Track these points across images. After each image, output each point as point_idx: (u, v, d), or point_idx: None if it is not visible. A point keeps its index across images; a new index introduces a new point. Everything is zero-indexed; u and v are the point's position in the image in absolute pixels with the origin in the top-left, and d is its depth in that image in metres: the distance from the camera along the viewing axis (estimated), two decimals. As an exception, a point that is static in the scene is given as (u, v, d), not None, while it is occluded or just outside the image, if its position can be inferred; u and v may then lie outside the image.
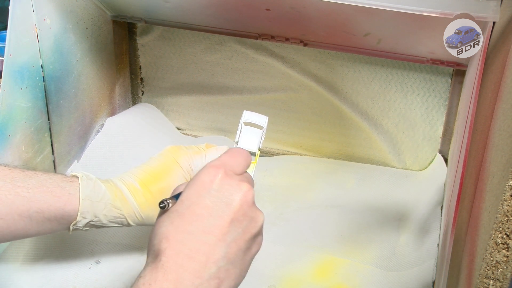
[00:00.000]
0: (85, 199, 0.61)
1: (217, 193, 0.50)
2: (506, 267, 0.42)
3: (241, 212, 0.50)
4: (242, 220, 0.50)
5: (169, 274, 0.46)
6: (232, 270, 0.49)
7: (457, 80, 0.82)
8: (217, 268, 0.48)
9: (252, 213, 0.51)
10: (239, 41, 0.90)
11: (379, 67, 0.85)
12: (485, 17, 0.57)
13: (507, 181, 0.41)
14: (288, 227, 0.82)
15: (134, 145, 0.90)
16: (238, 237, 0.49)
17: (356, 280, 0.73)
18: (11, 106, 0.69)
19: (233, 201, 0.50)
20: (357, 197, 0.87)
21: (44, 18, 0.72)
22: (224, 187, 0.50)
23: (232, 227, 0.49)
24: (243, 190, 0.51)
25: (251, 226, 0.51)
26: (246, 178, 0.54)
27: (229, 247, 0.49)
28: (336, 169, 0.92)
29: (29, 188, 0.60)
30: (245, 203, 0.51)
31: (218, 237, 0.48)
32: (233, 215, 0.49)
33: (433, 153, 0.89)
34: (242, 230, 0.50)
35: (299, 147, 0.96)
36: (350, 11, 0.66)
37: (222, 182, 0.51)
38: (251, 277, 0.74)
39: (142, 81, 0.99)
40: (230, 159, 0.54)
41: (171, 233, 0.48)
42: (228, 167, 0.52)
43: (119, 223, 0.64)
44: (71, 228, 0.62)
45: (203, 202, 0.49)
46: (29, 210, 0.59)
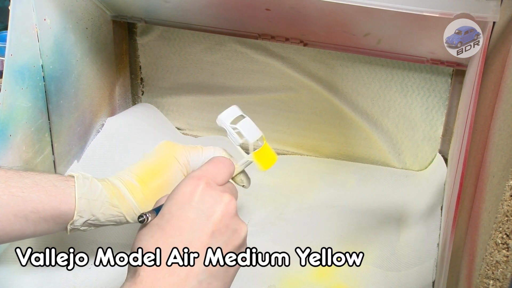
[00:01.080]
0: (81, 197, 0.61)
1: (198, 204, 0.49)
2: (506, 267, 0.42)
3: (222, 223, 0.49)
4: (224, 232, 0.49)
5: None
6: (214, 283, 0.48)
7: (457, 80, 0.82)
8: (198, 282, 0.47)
9: (234, 225, 0.50)
10: (239, 41, 0.90)
11: (379, 67, 0.85)
12: (485, 17, 0.57)
13: (507, 181, 0.41)
14: (288, 227, 0.82)
15: (134, 145, 0.90)
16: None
17: (356, 280, 0.73)
18: (12, 106, 0.69)
19: (214, 213, 0.49)
20: (357, 197, 0.87)
21: (44, 18, 0.72)
22: (206, 199, 0.50)
23: (213, 240, 0.48)
24: (225, 201, 0.50)
25: (233, 238, 0.50)
26: (228, 188, 0.54)
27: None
28: (336, 169, 0.92)
29: (23, 188, 0.59)
30: (227, 214, 0.50)
31: (199, 250, 0.47)
32: (214, 227, 0.49)
33: (433, 153, 0.89)
34: (224, 242, 0.49)
35: (299, 147, 0.96)
36: (350, 11, 0.66)
37: (203, 194, 0.50)
38: (251, 277, 0.74)
39: (142, 81, 0.99)
40: (212, 169, 0.53)
41: (151, 246, 0.47)
42: (210, 177, 0.52)
43: (117, 221, 0.64)
44: (69, 228, 0.62)
45: (184, 215, 0.49)
46: (24, 210, 0.58)
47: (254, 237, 0.81)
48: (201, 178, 0.51)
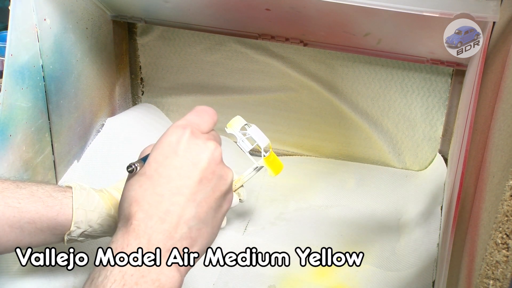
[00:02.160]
0: (78, 208, 0.61)
1: (184, 153, 0.50)
2: (506, 267, 0.42)
3: (209, 170, 0.50)
4: (210, 179, 0.50)
5: (141, 237, 0.47)
6: (204, 229, 0.49)
7: (457, 80, 0.82)
8: (188, 228, 0.48)
9: (220, 171, 0.51)
10: (239, 41, 0.90)
11: (379, 67, 0.85)
12: (485, 17, 0.57)
13: (507, 181, 0.41)
14: (288, 227, 0.83)
15: (134, 145, 0.90)
16: (208, 196, 0.50)
17: (356, 280, 0.73)
18: (12, 106, 0.69)
19: (200, 160, 0.49)
20: (357, 197, 0.87)
21: (44, 18, 0.72)
22: (191, 147, 0.50)
23: (201, 186, 0.49)
24: (210, 149, 0.50)
25: (220, 184, 0.51)
26: (212, 136, 0.54)
27: (199, 206, 0.49)
28: (336, 169, 0.92)
29: (20, 198, 0.59)
30: (213, 162, 0.50)
31: (188, 197, 0.48)
32: (202, 175, 0.49)
33: (433, 153, 0.89)
34: (211, 189, 0.50)
35: (299, 147, 0.96)
36: (350, 11, 0.66)
37: (189, 142, 0.50)
38: (251, 277, 0.74)
39: (142, 81, 0.99)
40: (196, 118, 0.53)
41: (140, 196, 0.48)
42: (195, 126, 0.52)
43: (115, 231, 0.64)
44: (66, 238, 0.62)
45: (171, 163, 0.49)
46: (20, 221, 0.58)
47: (254, 237, 0.81)
48: (186, 127, 0.51)
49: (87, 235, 0.63)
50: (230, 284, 0.73)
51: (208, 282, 0.73)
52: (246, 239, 0.80)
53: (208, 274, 0.74)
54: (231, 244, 0.79)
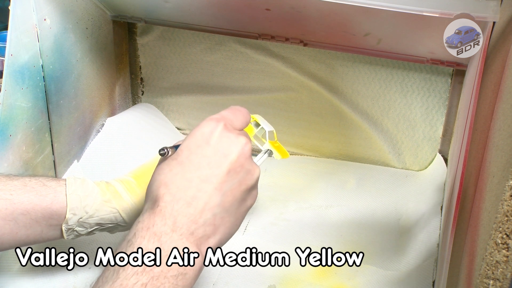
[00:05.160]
0: (72, 193, 0.61)
1: (216, 144, 0.51)
2: (506, 267, 0.42)
3: (238, 163, 0.51)
4: (239, 172, 0.51)
5: (167, 218, 0.49)
6: (227, 218, 0.51)
7: (457, 80, 0.82)
8: (212, 215, 0.50)
9: (248, 166, 0.53)
10: (239, 41, 0.90)
11: (379, 67, 0.85)
12: (485, 17, 0.57)
13: (507, 181, 0.41)
14: (288, 227, 0.83)
15: (134, 145, 0.90)
16: (234, 187, 0.51)
17: (356, 280, 0.73)
18: (12, 106, 0.69)
19: (231, 153, 0.51)
20: (357, 197, 0.87)
21: (44, 18, 0.72)
22: (223, 139, 0.52)
23: (229, 177, 0.51)
24: (241, 143, 0.52)
25: (247, 178, 0.52)
26: (244, 133, 0.55)
27: (225, 196, 0.50)
28: (336, 169, 0.92)
29: (12, 190, 0.59)
30: (242, 155, 0.52)
31: (215, 186, 0.50)
32: (231, 166, 0.51)
33: (433, 153, 0.89)
34: (238, 181, 0.51)
35: (299, 147, 0.96)
36: (350, 11, 0.66)
37: (221, 134, 0.52)
38: (251, 277, 0.74)
39: (142, 81, 0.99)
40: (230, 115, 0.55)
41: (169, 179, 0.50)
42: (228, 121, 0.54)
43: (112, 220, 0.63)
44: (63, 229, 0.61)
45: (202, 152, 0.51)
46: (13, 213, 0.58)
47: (254, 237, 0.81)
48: (220, 120, 0.53)
49: (82, 224, 0.62)
50: (230, 284, 0.73)
51: (208, 282, 0.73)
52: (246, 239, 0.80)
53: (208, 274, 0.74)
54: (231, 244, 0.79)
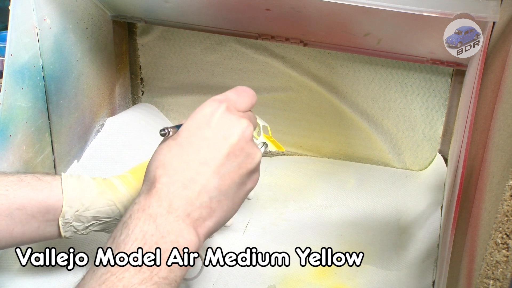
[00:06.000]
0: (68, 186, 0.60)
1: (216, 125, 0.51)
2: (506, 267, 0.42)
3: (238, 146, 0.51)
4: (238, 155, 0.51)
5: (163, 200, 0.48)
6: (224, 201, 0.50)
7: (457, 80, 0.82)
8: (209, 198, 0.49)
9: (249, 149, 0.52)
10: (239, 41, 0.90)
11: (379, 67, 0.85)
12: (485, 17, 0.57)
13: (507, 181, 0.41)
14: (288, 227, 0.83)
15: (134, 145, 0.90)
16: (233, 171, 0.51)
17: (356, 280, 0.73)
18: (12, 106, 0.69)
19: (231, 135, 0.51)
20: (357, 197, 0.87)
21: (44, 18, 0.72)
22: (224, 121, 0.51)
23: (227, 160, 0.50)
24: (243, 126, 0.51)
25: (247, 162, 0.52)
26: (247, 115, 0.55)
27: (222, 179, 0.50)
28: (336, 169, 0.92)
29: (7, 185, 0.59)
30: (243, 139, 0.51)
31: (213, 169, 0.49)
32: (230, 149, 0.50)
33: (433, 153, 0.89)
34: (237, 165, 0.51)
35: (299, 147, 0.96)
36: (350, 11, 0.66)
37: (222, 116, 0.51)
38: (251, 277, 0.74)
39: (142, 81, 0.99)
40: (235, 96, 0.54)
41: (167, 161, 0.50)
42: (231, 102, 0.53)
43: (110, 214, 0.63)
44: (60, 223, 0.61)
45: (202, 134, 0.50)
46: (9, 208, 0.58)
47: (254, 237, 0.81)
48: (222, 101, 0.52)
49: (81, 218, 0.61)
50: (230, 284, 0.73)
51: (208, 282, 0.73)
52: (246, 239, 0.80)
53: (208, 274, 0.74)
54: (231, 244, 0.79)
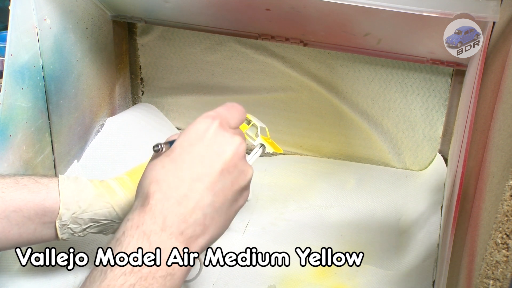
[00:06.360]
0: (65, 188, 0.60)
1: (210, 142, 0.51)
2: (506, 267, 0.42)
3: (231, 163, 0.51)
4: (231, 172, 0.51)
5: (157, 217, 0.48)
6: (217, 218, 0.50)
7: (457, 80, 0.82)
8: (202, 215, 0.49)
9: (242, 166, 0.52)
10: (239, 41, 0.90)
11: (379, 67, 0.85)
12: (485, 17, 0.57)
13: (507, 181, 0.41)
14: (288, 227, 0.83)
15: (134, 145, 0.90)
16: (226, 188, 0.50)
17: (356, 280, 0.73)
18: (12, 106, 0.69)
19: (225, 152, 0.51)
20: (357, 197, 0.87)
21: (44, 18, 0.72)
22: (218, 138, 0.51)
23: (221, 177, 0.50)
24: (236, 143, 0.51)
25: (240, 179, 0.52)
26: (239, 132, 0.55)
27: (216, 196, 0.50)
28: (336, 169, 0.92)
29: (3, 187, 0.58)
30: (236, 155, 0.51)
31: (207, 186, 0.49)
32: (224, 166, 0.50)
33: (433, 153, 0.89)
34: (230, 181, 0.51)
35: (299, 147, 0.96)
36: (350, 11, 0.66)
37: (216, 133, 0.51)
38: (251, 277, 0.74)
39: (142, 81, 0.99)
40: (226, 112, 0.54)
41: (161, 177, 0.49)
42: (224, 119, 0.53)
43: (107, 216, 0.63)
44: (57, 225, 0.61)
45: (196, 150, 0.50)
46: (5, 211, 0.58)
47: (254, 237, 0.81)
48: (215, 118, 0.52)
49: (78, 220, 0.61)
50: (230, 284, 0.73)
51: (208, 282, 0.73)
52: (246, 239, 0.80)
53: (208, 274, 0.74)
54: (231, 244, 0.79)
